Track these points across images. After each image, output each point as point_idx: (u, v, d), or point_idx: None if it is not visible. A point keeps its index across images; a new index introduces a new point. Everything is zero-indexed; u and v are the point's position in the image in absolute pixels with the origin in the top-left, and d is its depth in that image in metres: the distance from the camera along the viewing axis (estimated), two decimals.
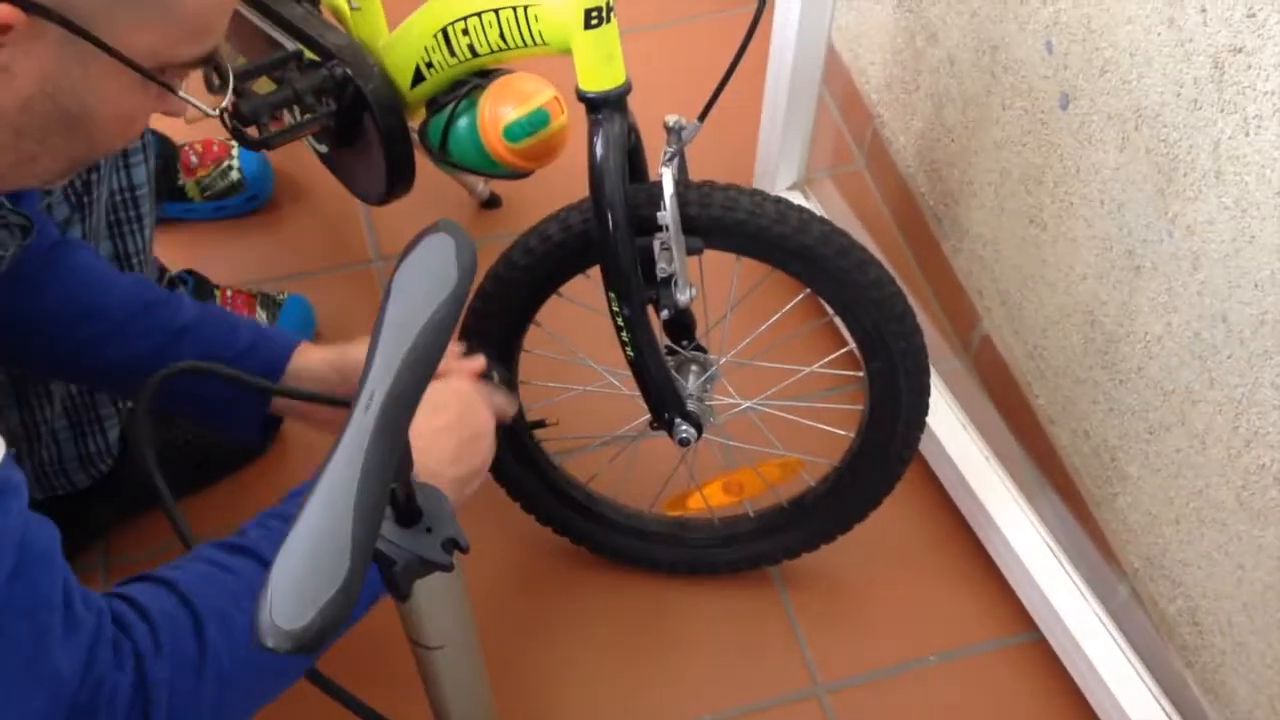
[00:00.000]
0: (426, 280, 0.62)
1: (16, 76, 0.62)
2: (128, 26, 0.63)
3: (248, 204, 1.57)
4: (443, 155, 1.21)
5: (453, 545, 0.69)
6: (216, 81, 0.77)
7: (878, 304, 1.06)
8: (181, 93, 0.70)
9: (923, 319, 1.12)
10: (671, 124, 1.00)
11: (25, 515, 0.63)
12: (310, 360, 0.99)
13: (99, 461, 1.19)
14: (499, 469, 1.22)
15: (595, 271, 1.06)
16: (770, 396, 1.23)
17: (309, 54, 1.26)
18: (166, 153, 1.50)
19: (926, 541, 1.34)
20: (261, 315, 1.42)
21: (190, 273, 1.41)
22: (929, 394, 1.12)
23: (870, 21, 1.55)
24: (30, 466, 1.12)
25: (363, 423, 0.57)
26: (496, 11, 1.05)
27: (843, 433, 1.20)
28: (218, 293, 1.42)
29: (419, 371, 0.59)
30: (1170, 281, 1.05)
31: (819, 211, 1.48)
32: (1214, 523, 1.07)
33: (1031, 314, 1.30)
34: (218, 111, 0.75)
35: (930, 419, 1.16)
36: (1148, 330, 1.10)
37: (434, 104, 1.22)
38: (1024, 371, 1.35)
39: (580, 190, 1.02)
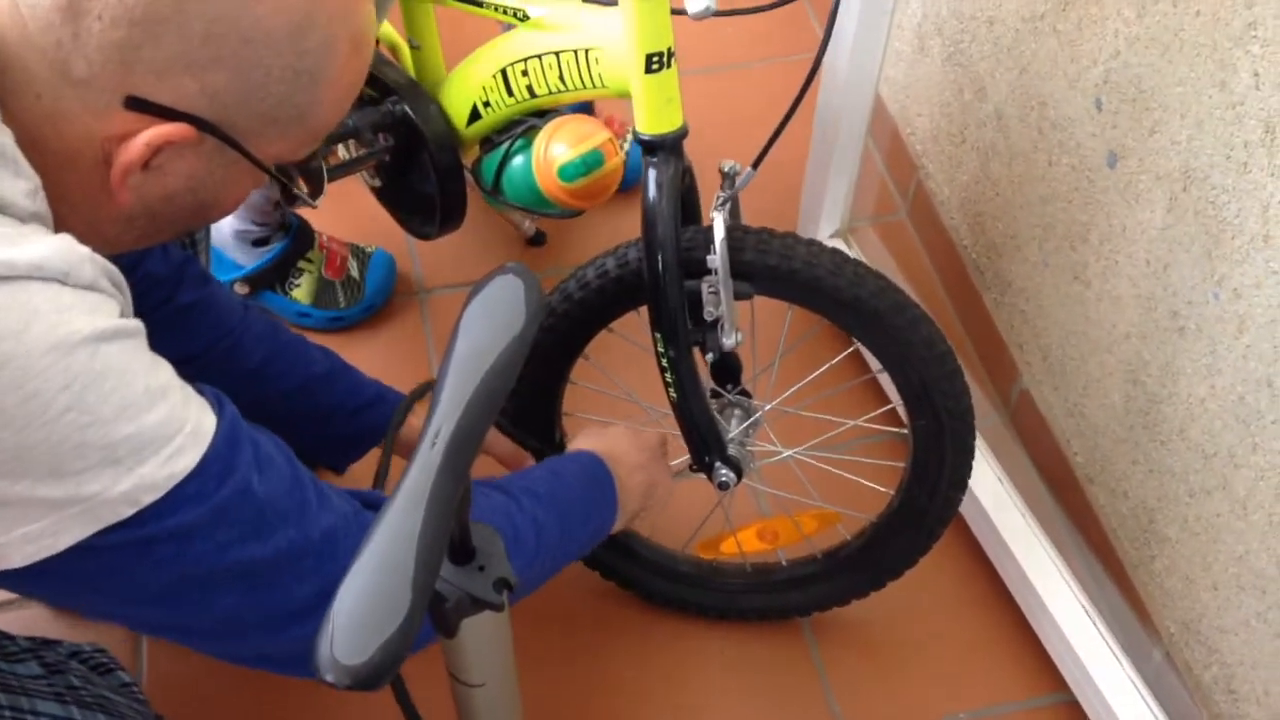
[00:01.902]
0: (494, 320, 0.63)
1: (168, 175, 0.69)
2: (271, 138, 0.70)
3: (363, 313, 1.54)
4: (496, 193, 1.23)
5: (504, 585, 0.69)
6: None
7: (927, 362, 1.06)
8: (298, 190, 0.79)
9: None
10: (726, 169, 1.02)
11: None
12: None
13: None
14: None
15: (645, 310, 1.07)
16: (812, 447, 1.23)
17: (366, 89, 1.29)
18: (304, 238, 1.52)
19: (959, 597, 1.33)
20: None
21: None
22: (973, 456, 1.12)
23: (918, 74, 1.56)
24: None
25: (428, 460, 0.58)
26: (557, 54, 1.07)
27: (882, 489, 1.20)
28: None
29: (484, 411, 0.60)
30: (1215, 344, 1.05)
31: (861, 260, 1.49)
32: (1254, 590, 1.06)
33: (1072, 371, 1.30)
34: (317, 204, 0.83)
35: None
36: (1190, 392, 1.10)
37: (488, 142, 1.24)
38: (1063, 429, 1.35)
39: (625, 230, 1.04)
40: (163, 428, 0.64)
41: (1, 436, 0.60)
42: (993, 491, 1.31)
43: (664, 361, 1.06)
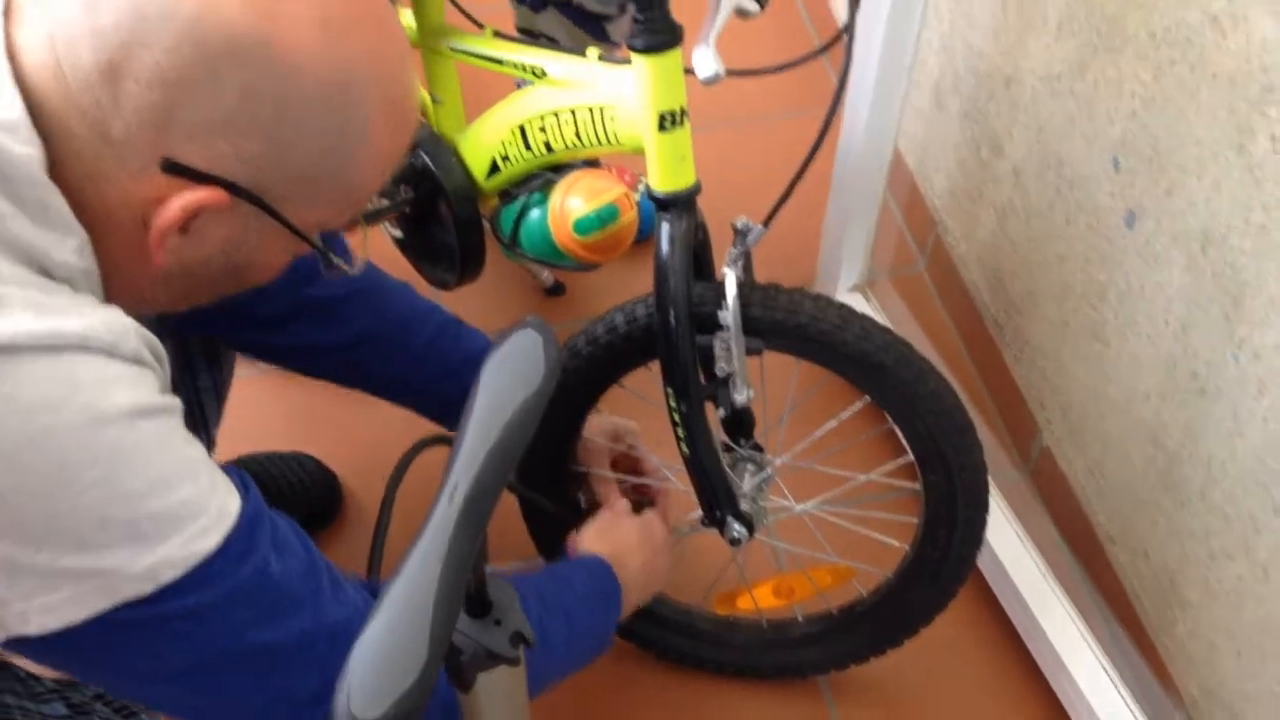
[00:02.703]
0: (513, 375, 0.63)
1: (205, 239, 0.69)
2: (309, 205, 0.70)
3: None
4: (513, 245, 1.24)
5: (520, 639, 0.69)
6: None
7: (937, 416, 1.05)
8: (335, 259, 0.78)
9: (982, 428, 1.12)
10: (739, 226, 1.02)
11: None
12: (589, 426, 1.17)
13: None
14: (545, 553, 1.23)
15: (656, 365, 1.07)
16: (825, 501, 1.22)
17: None
18: None
19: (979, 657, 1.31)
20: None
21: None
22: (987, 511, 1.11)
23: (936, 129, 1.57)
24: None
25: (446, 514, 0.58)
26: (574, 111, 1.08)
27: (897, 544, 1.19)
28: None
29: (502, 465, 0.60)
30: (1236, 406, 1.04)
31: (879, 314, 1.49)
32: (1276, 657, 1.04)
33: (1092, 429, 1.29)
34: (355, 270, 0.82)
35: (987, 531, 1.15)
36: (1211, 454, 1.08)
37: (507, 195, 1.26)
38: (1084, 488, 1.33)
39: (641, 283, 1.04)
40: (188, 506, 0.65)
41: (31, 506, 0.60)
42: (1012, 549, 1.30)
43: (676, 417, 1.06)
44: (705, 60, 0.88)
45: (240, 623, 0.69)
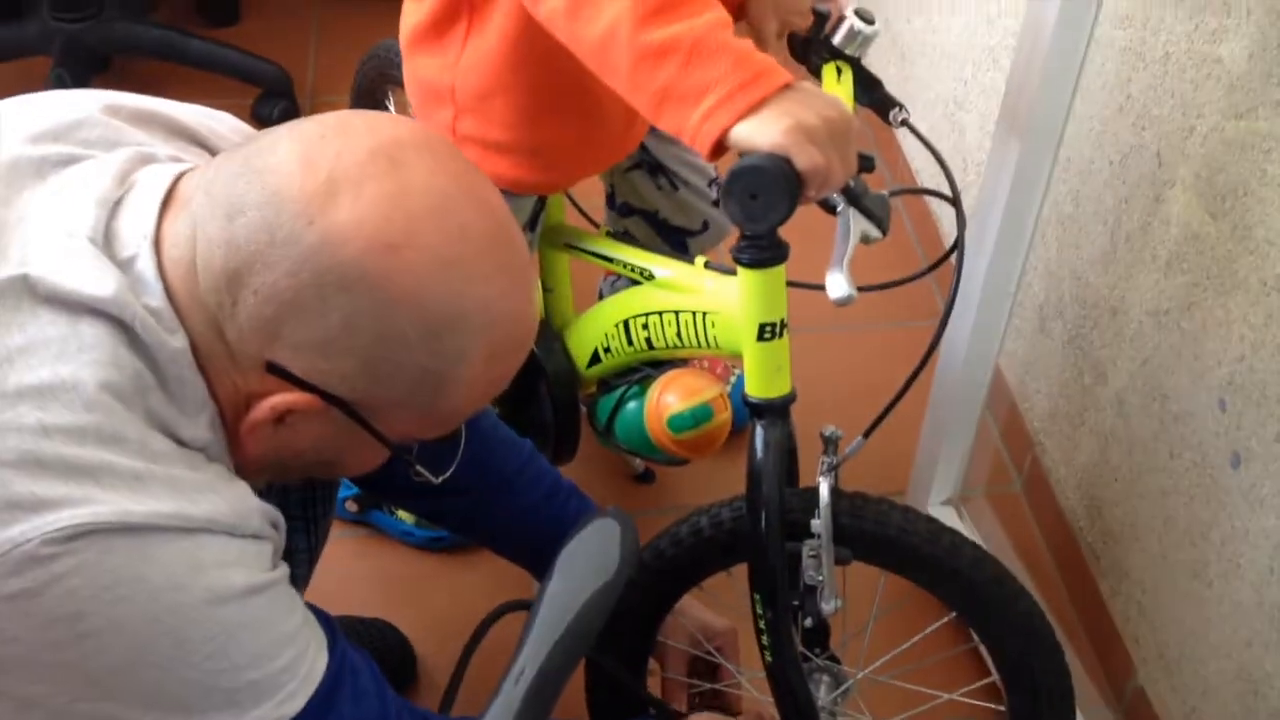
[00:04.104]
0: (589, 563, 0.64)
1: (297, 434, 0.73)
2: (397, 419, 0.73)
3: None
4: (608, 433, 1.26)
5: None
6: None
7: (1026, 638, 1.02)
8: (419, 469, 0.81)
9: (1073, 660, 1.08)
10: (827, 434, 1.03)
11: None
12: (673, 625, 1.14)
13: None
14: None
15: (737, 570, 1.07)
16: (904, 719, 1.18)
17: None
18: None
19: None
20: None
21: None
22: None
23: (1038, 352, 1.57)
24: None
25: (511, 696, 0.59)
26: (677, 313, 1.11)
27: None
28: None
29: (570, 653, 0.61)
30: None
31: (971, 530, 1.46)
32: None
33: (1190, 673, 1.23)
34: (439, 480, 0.83)
35: None
36: None
37: (604, 384, 1.29)
38: None
39: (729, 482, 1.04)
40: (283, 675, 0.70)
41: (147, 675, 0.65)
42: None
43: (761, 623, 1.04)
44: (838, 284, 0.90)
45: None
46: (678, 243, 1.42)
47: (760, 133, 0.83)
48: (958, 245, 1.01)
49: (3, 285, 0.66)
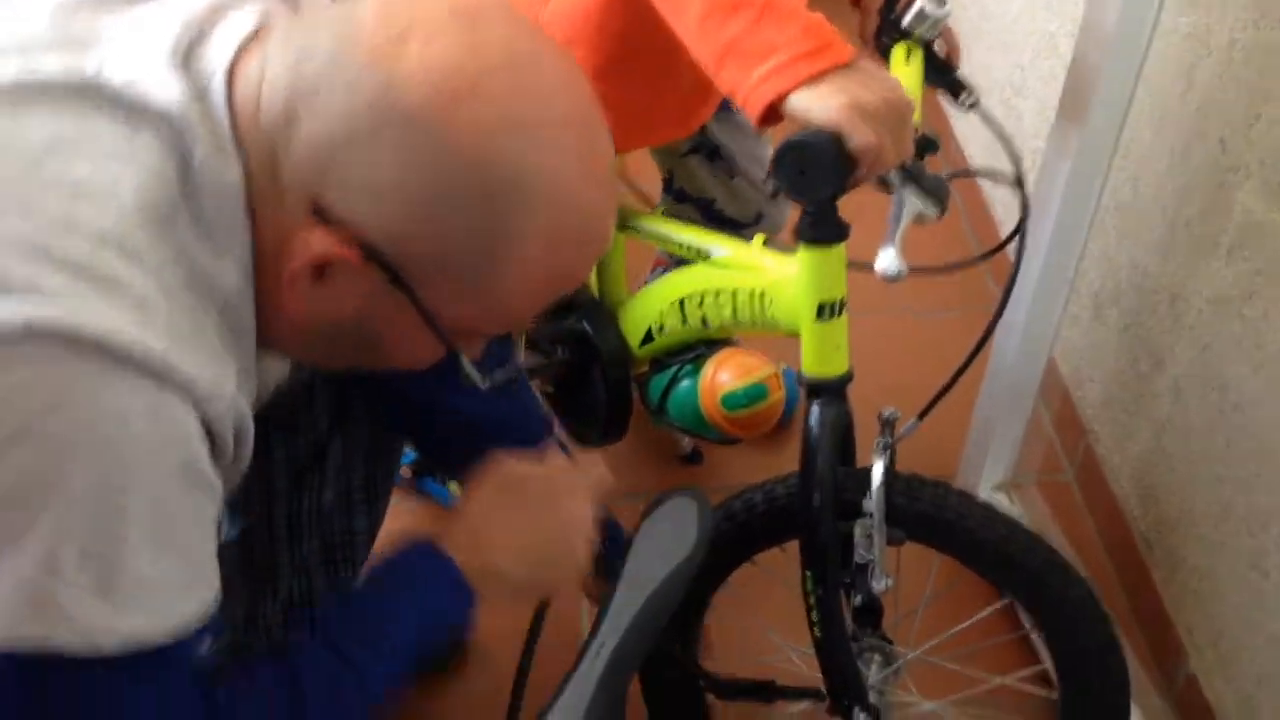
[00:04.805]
0: (667, 541, 0.65)
1: (337, 297, 0.69)
2: (448, 296, 0.68)
3: None
4: (660, 411, 1.27)
5: None
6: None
7: (1080, 626, 1.02)
8: (466, 365, 0.75)
9: (1124, 647, 1.07)
10: (885, 415, 1.03)
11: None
12: None
13: None
14: (657, 714, 1.21)
15: (789, 546, 1.07)
16: (954, 701, 1.18)
17: None
18: None
19: None
20: None
21: None
22: None
23: (1093, 339, 1.56)
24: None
25: (591, 669, 0.60)
26: (734, 292, 1.12)
27: None
28: None
29: (647, 629, 0.62)
30: None
31: (1022, 516, 1.46)
32: None
33: (1246, 663, 1.22)
34: (487, 385, 0.77)
35: None
36: None
37: (657, 363, 1.30)
38: None
39: (778, 462, 1.05)
40: (150, 589, 0.63)
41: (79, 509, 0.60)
42: None
43: (811, 600, 1.05)
44: (889, 260, 0.91)
45: None
46: (731, 235, 1.42)
47: (817, 105, 0.83)
48: (1020, 229, 1.01)
49: (71, 83, 0.64)
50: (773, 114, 0.85)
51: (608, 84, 1.12)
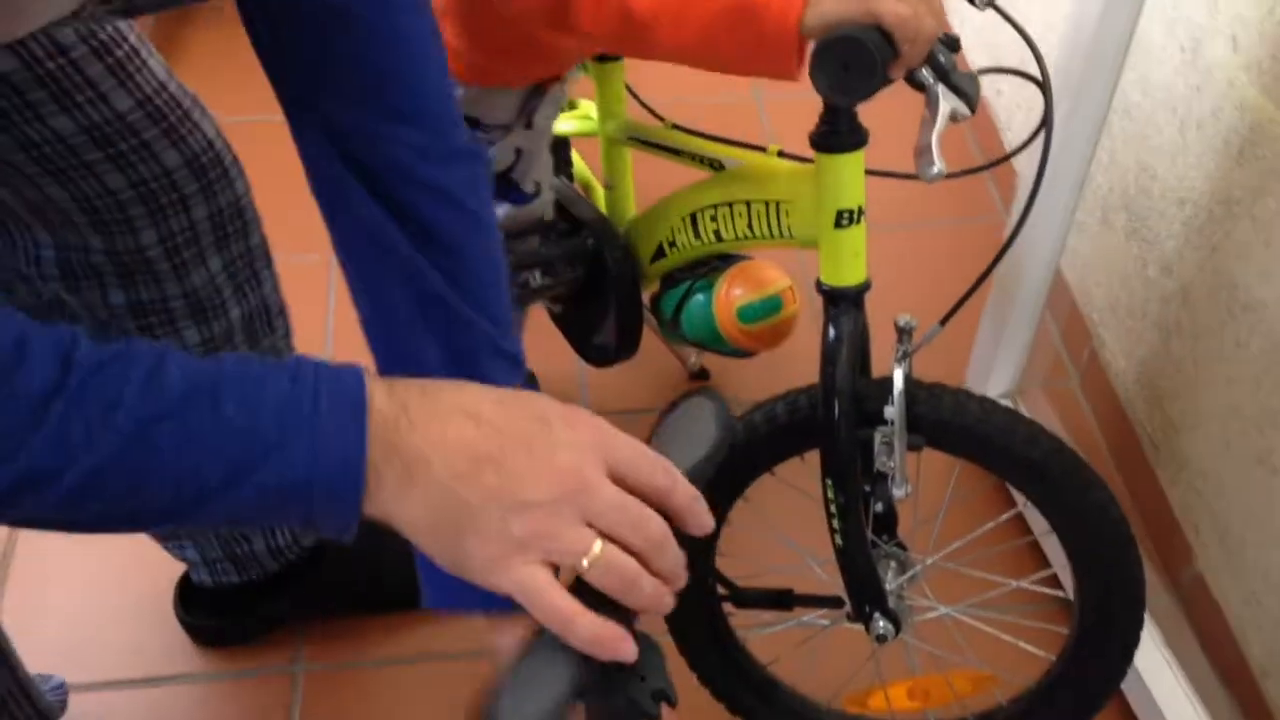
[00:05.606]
0: (687, 439, 0.66)
1: None
2: None
3: None
4: (674, 327, 1.27)
5: (661, 696, 0.70)
6: None
7: (1099, 528, 1.04)
8: None
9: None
10: (902, 324, 1.03)
11: None
12: None
13: (287, 552, 1.28)
14: (681, 636, 1.23)
15: (810, 455, 1.08)
16: (970, 605, 1.20)
17: (561, 222, 1.36)
18: None
19: None
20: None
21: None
22: (1141, 628, 1.08)
23: (1099, 245, 1.56)
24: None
25: None
26: (749, 204, 1.11)
27: (1042, 654, 1.16)
28: None
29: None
30: None
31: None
32: None
33: (1252, 559, 1.25)
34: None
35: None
36: None
37: (669, 278, 1.29)
38: (1239, 619, 1.28)
39: (786, 378, 1.05)
40: None
41: None
42: (1160, 677, 1.25)
43: (832, 508, 1.06)
44: (930, 160, 0.90)
45: None
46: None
47: (837, 3, 0.83)
48: (1045, 125, 1.01)
49: None
50: (801, 44, 0.85)
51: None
